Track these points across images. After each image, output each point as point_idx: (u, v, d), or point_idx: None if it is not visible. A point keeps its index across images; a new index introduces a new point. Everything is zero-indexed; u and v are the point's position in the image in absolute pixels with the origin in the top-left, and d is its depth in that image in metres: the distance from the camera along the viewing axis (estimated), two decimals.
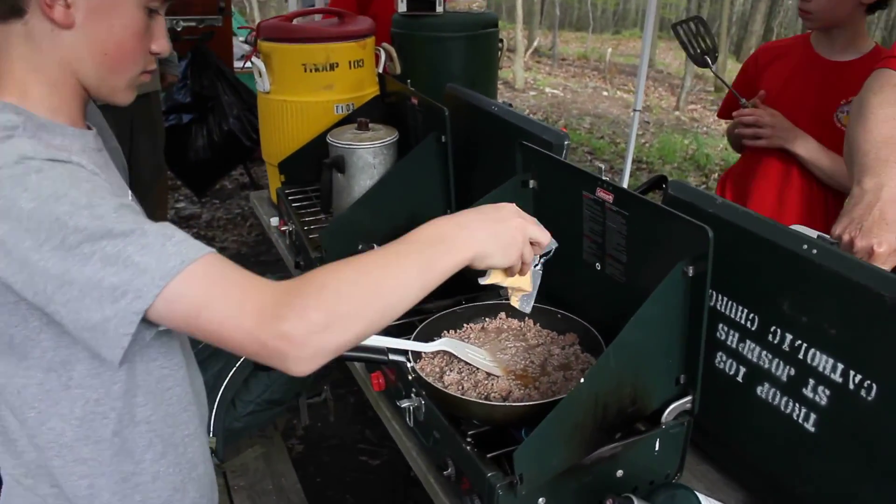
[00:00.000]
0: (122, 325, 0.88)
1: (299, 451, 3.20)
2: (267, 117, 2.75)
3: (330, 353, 0.91)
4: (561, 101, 10.43)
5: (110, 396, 1.05)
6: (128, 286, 0.86)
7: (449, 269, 1.03)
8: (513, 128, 1.94)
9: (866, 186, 1.36)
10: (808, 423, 1.25)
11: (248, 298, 0.89)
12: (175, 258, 0.88)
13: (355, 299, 0.92)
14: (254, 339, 0.88)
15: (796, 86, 2.26)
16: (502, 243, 1.10)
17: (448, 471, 1.33)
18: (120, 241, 0.87)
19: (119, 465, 1.09)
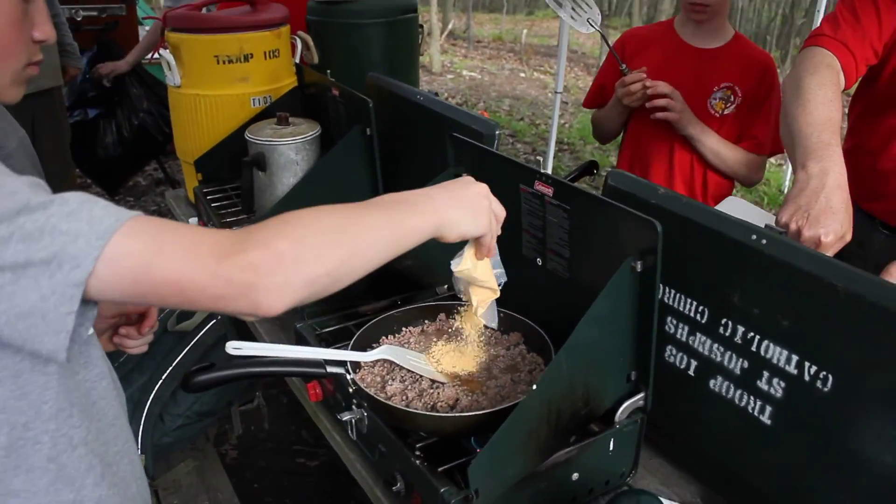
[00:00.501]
0: (62, 301, 0.78)
1: (233, 457, 3.09)
2: (179, 113, 2.61)
3: (302, 284, 0.85)
4: (479, 83, 10.40)
5: (41, 418, 0.93)
6: (61, 256, 0.77)
7: (417, 230, 1.00)
8: (441, 118, 1.87)
9: (811, 171, 1.34)
10: (763, 415, 1.22)
11: (202, 240, 0.82)
12: (107, 218, 0.79)
13: (321, 234, 0.88)
14: (217, 278, 0.80)
15: (668, 74, 2.27)
16: (469, 208, 1.08)
17: (397, 486, 1.27)
18: (39, 214, 0.78)
19: (57, 495, 0.97)
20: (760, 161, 2.27)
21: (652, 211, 1.19)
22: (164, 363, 2.05)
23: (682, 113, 2.19)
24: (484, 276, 1.24)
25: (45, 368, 0.90)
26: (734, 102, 2.22)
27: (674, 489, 1.40)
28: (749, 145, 2.23)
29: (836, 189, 1.31)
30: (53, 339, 0.80)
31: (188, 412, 2.05)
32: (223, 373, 1.25)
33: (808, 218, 1.29)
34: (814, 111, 1.43)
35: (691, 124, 2.20)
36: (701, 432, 1.37)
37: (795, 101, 1.47)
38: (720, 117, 2.24)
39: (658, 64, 2.29)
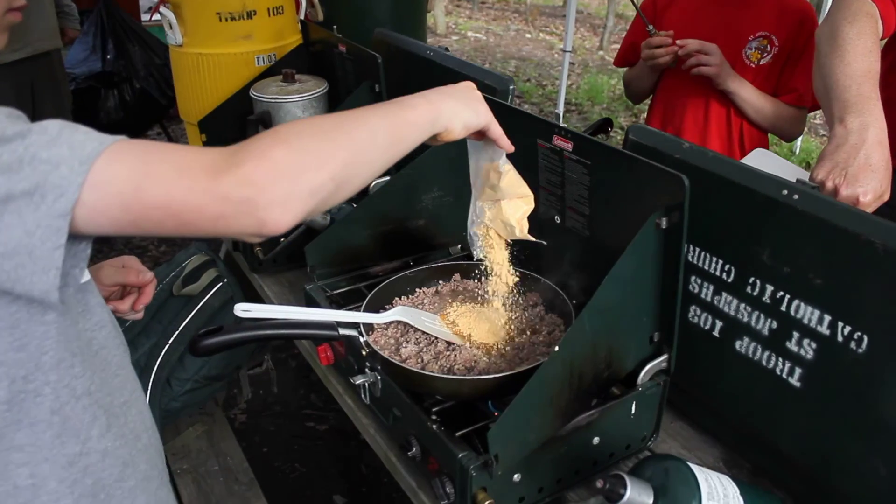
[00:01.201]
0: (48, 235, 0.73)
1: (242, 421, 3.07)
2: (182, 73, 2.55)
3: (306, 193, 0.79)
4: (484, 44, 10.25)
5: (41, 370, 0.89)
6: (44, 186, 0.72)
7: (416, 124, 0.98)
8: (451, 74, 1.81)
9: (850, 126, 1.27)
10: (792, 377, 1.18)
11: (193, 158, 0.77)
12: (90, 143, 0.74)
13: (318, 138, 0.83)
14: (213, 196, 0.75)
15: (702, 23, 2.18)
16: (462, 98, 1.07)
17: (412, 451, 1.23)
18: (17, 144, 0.73)
19: (63, 448, 0.93)
20: (801, 115, 2.17)
21: (676, 166, 1.13)
22: (170, 327, 2.01)
23: (720, 66, 2.10)
24: (513, 185, 1.19)
25: (44, 318, 0.86)
26: (770, 52, 2.12)
27: (695, 453, 1.36)
28: (790, 98, 2.13)
29: (877, 145, 1.25)
30: (43, 277, 0.75)
31: (196, 376, 2.01)
32: (231, 336, 1.21)
33: (846, 176, 1.22)
34: (852, 62, 1.35)
35: (730, 78, 2.11)
36: (725, 395, 1.33)
37: (832, 52, 1.39)
38: (755, 68, 2.14)
39: (691, 14, 2.20)
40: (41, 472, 0.92)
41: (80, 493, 0.96)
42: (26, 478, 0.92)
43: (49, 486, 0.93)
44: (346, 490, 2.75)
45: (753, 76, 2.13)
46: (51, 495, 0.93)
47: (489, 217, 1.23)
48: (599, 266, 1.14)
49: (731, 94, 2.13)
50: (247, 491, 1.96)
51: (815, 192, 1.13)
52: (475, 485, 1.11)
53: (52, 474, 0.93)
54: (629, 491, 0.94)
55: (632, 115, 6.97)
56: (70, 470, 0.95)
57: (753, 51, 2.12)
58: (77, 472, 0.95)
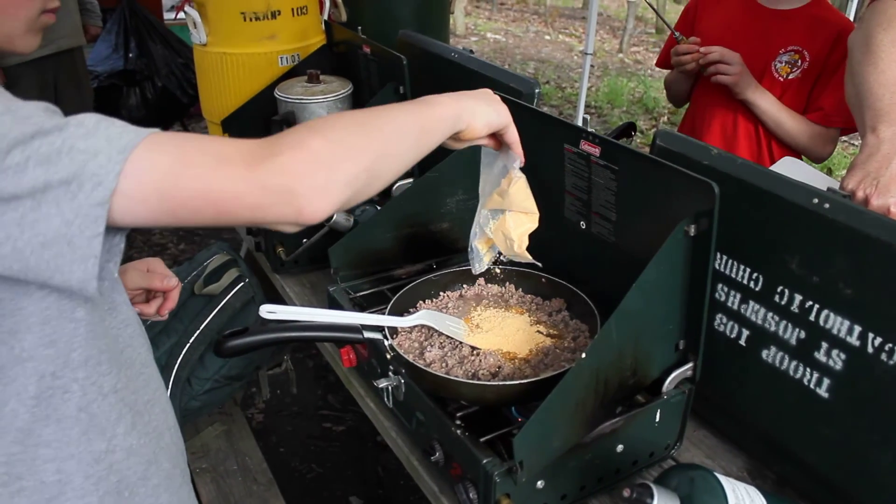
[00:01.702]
0: (87, 224, 0.74)
1: (259, 421, 3.08)
2: (205, 72, 2.56)
3: (343, 183, 0.81)
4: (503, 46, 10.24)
5: (69, 367, 0.89)
6: (82, 175, 0.72)
7: (441, 119, 1.01)
8: (477, 76, 1.81)
9: (882, 135, 1.25)
10: (820, 388, 1.17)
11: (231, 149, 0.78)
12: (126, 134, 0.75)
13: (352, 130, 0.85)
14: (252, 184, 0.76)
15: (735, 33, 2.16)
16: (483, 100, 1.09)
17: (435, 456, 1.23)
18: (55, 136, 0.73)
19: (89, 445, 0.94)
20: (827, 134, 2.10)
21: (704, 172, 1.12)
22: (191, 326, 2.02)
23: (740, 76, 2.07)
24: (522, 198, 1.19)
25: (73, 314, 0.86)
26: (800, 67, 2.08)
27: (719, 462, 1.35)
28: (815, 117, 2.08)
29: None
30: (82, 266, 0.75)
31: (216, 376, 2.02)
32: (257, 337, 1.21)
33: (878, 186, 1.21)
34: (886, 70, 1.33)
35: (750, 88, 2.08)
36: (751, 404, 1.31)
37: (866, 59, 1.37)
38: (784, 82, 2.11)
39: (726, 22, 2.18)
40: (67, 469, 0.93)
41: (105, 491, 0.96)
42: (53, 473, 0.92)
43: (75, 482, 0.94)
44: (363, 492, 2.74)
45: (781, 90, 2.10)
46: (76, 492, 0.94)
47: (492, 228, 1.22)
48: (625, 272, 1.13)
49: (750, 104, 2.10)
50: (265, 491, 1.97)
51: (847, 200, 1.12)
52: (499, 491, 1.10)
53: (78, 471, 0.94)
54: (656, 500, 0.93)
55: (651, 118, 6.95)
56: (96, 467, 0.95)
57: (783, 64, 2.09)
58: (103, 469, 0.96)
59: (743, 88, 2.08)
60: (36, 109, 0.76)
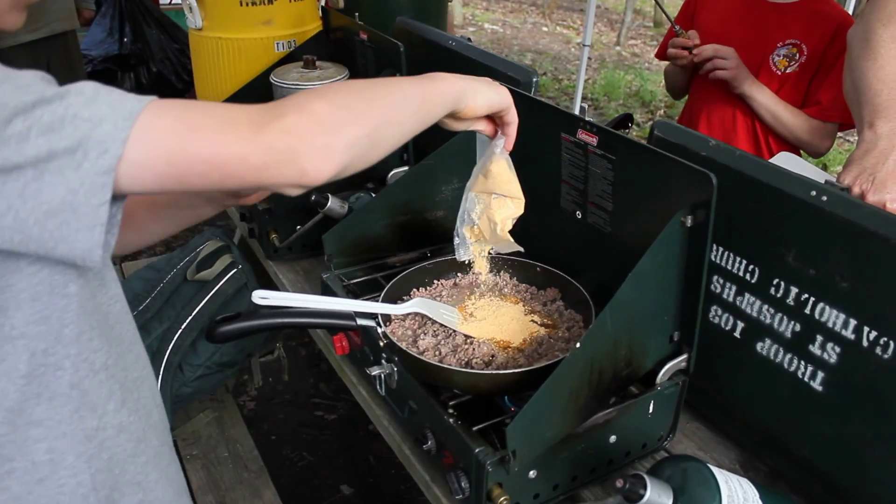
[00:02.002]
0: (93, 191, 0.73)
1: (251, 408, 3.07)
2: (200, 57, 2.54)
3: (344, 146, 0.82)
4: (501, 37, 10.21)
5: (61, 343, 0.88)
6: (86, 143, 0.72)
7: (443, 93, 1.02)
8: (474, 64, 1.80)
9: (880, 131, 1.25)
10: (814, 381, 1.16)
11: (235, 113, 0.79)
12: (129, 101, 0.75)
13: (356, 96, 0.88)
14: (257, 146, 0.77)
15: (733, 26, 2.15)
16: (484, 82, 1.10)
17: (427, 444, 1.22)
18: (57, 105, 0.72)
19: (81, 423, 0.93)
20: (825, 128, 2.09)
21: (702, 163, 1.11)
22: (183, 312, 2.01)
23: (736, 70, 2.07)
24: (505, 181, 1.18)
25: (65, 290, 0.85)
26: (798, 61, 2.07)
27: (711, 454, 1.35)
28: (813, 111, 2.07)
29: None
30: (88, 234, 0.75)
31: (208, 362, 2.01)
32: (249, 323, 1.20)
33: (874, 181, 1.21)
34: (885, 65, 1.33)
35: (747, 82, 2.08)
36: (744, 397, 1.31)
37: (864, 54, 1.37)
38: (781, 75, 2.10)
39: (726, 15, 2.18)
40: (59, 447, 0.92)
41: (97, 468, 0.95)
42: (44, 453, 0.91)
43: (67, 460, 0.93)
44: (354, 480, 2.74)
45: (779, 84, 2.09)
46: (69, 470, 0.93)
47: (478, 212, 1.21)
48: (620, 262, 1.12)
49: (747, 97, 2.10)
50: (256, 479, 1.96)
51: (844, 193, 1.11)
52: (491, 480, 1.10)
53: (70, 449, 0.93)
54: (649, 491, 0.93)
55: (647, 111, 6.94)
56: (87, 445, 0.94)
57: (781, 58, 2.08)
58: (94, 446, 0.95)
59: (740, 82, 2.07)
60: (34, 78, 0.75)
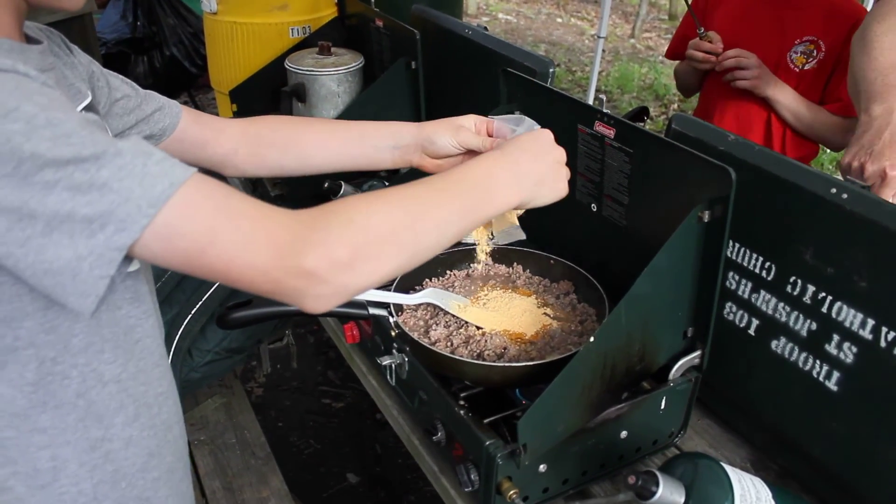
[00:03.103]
0: (99, 264, 0.72)
1: (259, 394, 3.08)
2: (215, 41, 2.53)
3: (352, 293, 0.81)
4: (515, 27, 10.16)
5: (69, 353, 0.88)
6: (107, 217, 0.70)
7: (492, 215, 0.97)
8: (491, 54, 1.78)
9: (874, 113, 1.28)
10: (829, 381, 1.15)
11: (261, 229, 0.77)
12: (161, 180, 0.73)
13: (386, 239, 0.82)
14: (268, 278, 0.76)
15: (750, 22, 2.13)
16: (550, 181, 1.04)
17: (437, 436, 1.21)
18: (91, 165, 0.71)
19: (86, 432, 0.93)
20: (847, 124, 2.05)
21: (719, 158, 1.10)
22: (193, 297, 2.00)
23: (759, 78, 2.05)
24: None
25: None
26: (816, 58, 2.05)
27: (722, 452, 1.34)
28: (835, 108, 2.06)
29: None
30: (80, 300, 0.74)
31: (217, 348, 2.00)
32: (261, 310, 1.20)
33: (872, 153, 1.23)
34: (878, 56, 1.37)
35: (770, 86, 2.06)
36: (757, 395, 1.30)
37: (861, 51, 1.41)
38: (799, 72, 2.08)
39: (740, 12, 2.15)
40: (62, 455, 0.92)
41: (100, 479, 0.95)
42: (47, 460, 0.91)
43: (69, 469, 0.93)
44: (360, 469, 2.74)
45: (797, 81, 2.07)
46: (70, 478, 0.93)
47: None
48: (635, 256, 1.11)
49: (770, 101, 2.08)
50: (263, 465, 1.96)
51: (866, 191, 1.10)
52: (501, 473, 1.09)
53: (73, 458, 0.93)
54: (661, 489, 0.92)
55: (661, 105, 6.90)
56: (91, 454, 0.94)
57: (799, 55, 2.06)
58: (98, 457, 0.94)
59: (763, 88, 2.06)
60: (75, 127, 0.73)
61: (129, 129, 1.13)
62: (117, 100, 1.13)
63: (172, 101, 1.21)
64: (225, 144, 1.24)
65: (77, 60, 1.06)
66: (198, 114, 1.24)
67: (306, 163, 1.25)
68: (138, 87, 1.18)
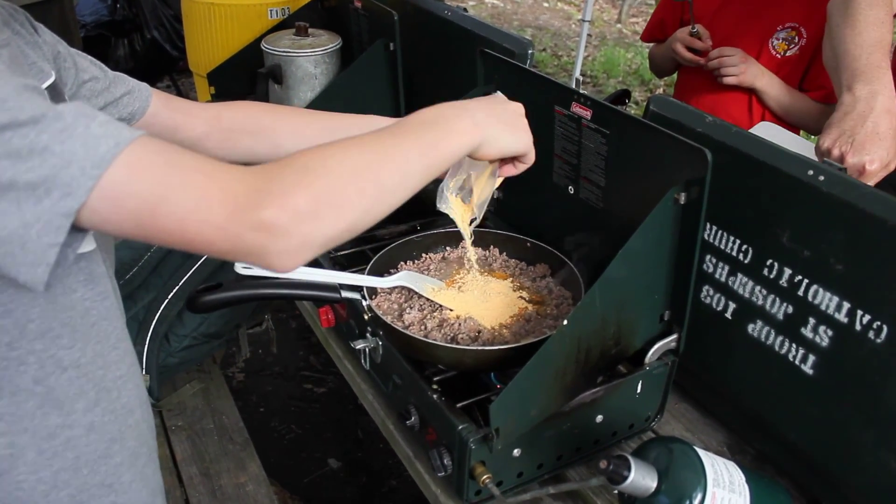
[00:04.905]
0: (47, 231, 0.69)
1: (240, 380, 3.05)
2: (193, 22, 2.50)
3: (319, 245, 0.77)
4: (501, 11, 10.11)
5: (26, 338, 0.86)
6: (51, 181, 0.68)
7: (453, 152, 0.94)
8: (469, 35, 1.76)
9: (858, 94, 1.26)
10: (805, 364, 1.14)
11: (214, 184, 0.73)
12: (106, 141, 0.70)
13: (347, 182, 0.79)
14: (227, 234, 0.73)
15: (731, 10, 2.12)
16: (509, 123, 1.02)
17: (411, 420, 1.20)
18: (29, 130, 0.68)
19: (45, 419, 0.90)
20: (829, 111, 2.05)
21: (697, 140, 1.09)
22: (170, 282, 1.98)
23: (744, 74, 2.04)
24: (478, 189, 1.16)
25: None
26: (798, 44, 2.04)
27: (699, 436, 1.33)
28: (818, 95, 2.04)
29: (885, 114, 1.23)
30: (31, 270, 0.71)
31: (195, 333, 1.98)
32: (231, 293, 1.17)
33: (853, 144, 1.21)
34: (863, 31, 1.34)
35: (756, 78, 2.05)
36: (734, 378, 1.29)
37: (844, 21, 1.37)
38: (781, 59, 2.07)
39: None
40: (20, 443, 0.89)
41: (60, 467, 0.93)
42: (4, 448, 0.88)
43: (27, 456, 0.90)
44: (342, 454, 2.73)
45: (778, 67, 2.07)
46: (28, 466, 0.90)
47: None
48: (612, 239, 1.10)
49: (757, 92, 2.07)
50: (241, 451, 1.94)
51: (842, 174, 1.09)
52: (474, 458, 1.08)
53: (31, 445, 0.90)
54: (633, 473, 0.91)
55: (647, 90, 6.88)
56: (51, 442, 0.91)
57: (781, 41, 2.05)
58: (58, 444, 0.92)
59: (750, 80, 2.04)
60: (11, 92, 0.70)
61: None
62: (85, 81, 1.10)
63: (143, 83, 1.18)
64: (196, 129, 1.22)
65: (42, 40, 1.03)
66: (168, 97, 1.22)
67: (278, 150, 1.23)
68: (107, 69, 1.15)
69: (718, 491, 0.94)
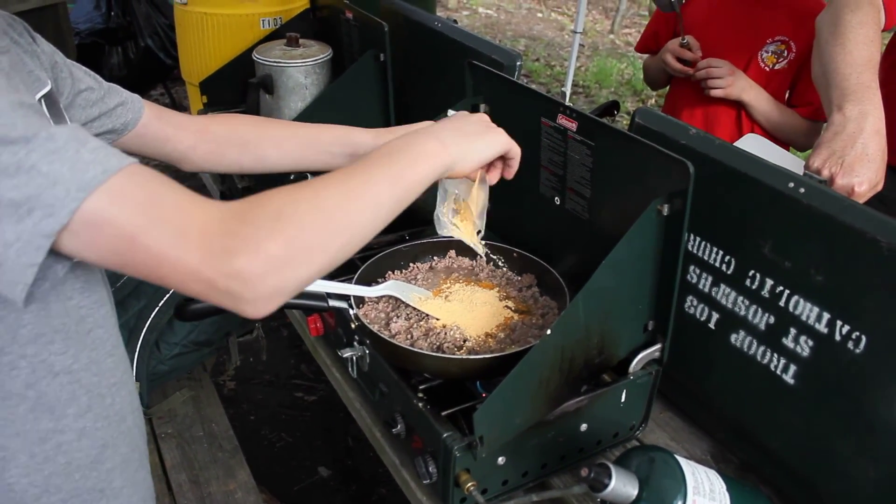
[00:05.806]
0: (26, 251, 0.69)
1: (231, 388, 3.06)
2: (185, 32, 2.51)
3: (290, 291, 0.77)
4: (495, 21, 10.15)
5: (17, 343, 0.87)
6: (35, 200, 0.68)
7: (425, 178, 0.94)
8: (459, 47, 1.78)
9: (849, 114, 1.26)
10: (786, 374, 1.16)
11: (192, 224, 0.73)
12: (94, 167, 0.70)
13: (319, 226, 0.79)
14: (200, 278, 0.73)
15: (721, 20, 2.14)
16: (476, 133, 1.04)
17: (397, 428, 1.21)
18: (20, 148, 0.68)
19: (36, 423, 0.91)
20: (816, 127, 2.08)
21: (681, 152, 1.10)
22: (161, 290, 1.99)
23: (731, 86, 2.05)
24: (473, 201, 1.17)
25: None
26: (786, 58, 2.06)
27: (683, 445, 1.34)
28: (806, 111, 2.07)
29: (874, 134, 1.24)
30: (9, 288, 0.72)
31: (185, 341, 1.99)
32: None
33: (843, 165, 1.22)
34: (853, 50, 1.34)
35: (744, 91, 2.06)
36: (717, 388, 1.30)
37: (833, 39, 1.38)
38: (769, 72, 2.09)
39: (713, 9, 2.16)
40: (11, 446, 0.90)
41: (52, 471, 0.93)
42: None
43: (19, 459, 0.91)
44: (332, 462, 2.74)
45: (767, 80, 2.08)
46: (20, 469, 0.91)
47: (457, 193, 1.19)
48: (597, 250, 1.11)
49: (745, 104, 2.08)
50: (230, 458, 1.95)
51: (823, 186, 1.10)
52: (458, 466, 1.09)
53: (22, 449, 0.91)
54: (614, 481, 0.92)
55: (639, 100, 6.91)
56: (42, 446, 0.92)
57: (769, 55, 2.07)
58: (49, 449, 0.93)
59: (738, 93, 2.06)
60: (8, 107, 0.71)
61: (91, 121, 1.12)
62: (80, 91, 1.11)
63: (135, 95, 1.20)
64: (185, 141, 1.23)
65: (40, 49, 1.04)
66: (160, 109, 1.23)
67: (263, 163, 1.25)
68: (102, 79, 1.17)
69: (699, 499, 0.96)
